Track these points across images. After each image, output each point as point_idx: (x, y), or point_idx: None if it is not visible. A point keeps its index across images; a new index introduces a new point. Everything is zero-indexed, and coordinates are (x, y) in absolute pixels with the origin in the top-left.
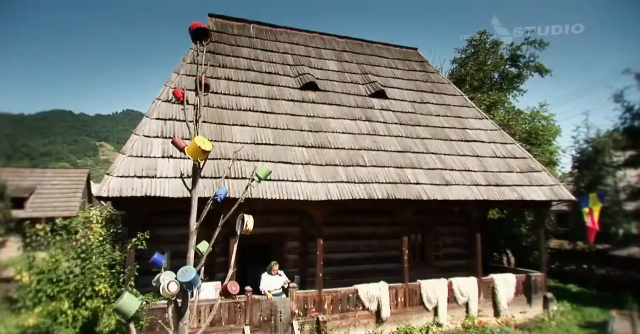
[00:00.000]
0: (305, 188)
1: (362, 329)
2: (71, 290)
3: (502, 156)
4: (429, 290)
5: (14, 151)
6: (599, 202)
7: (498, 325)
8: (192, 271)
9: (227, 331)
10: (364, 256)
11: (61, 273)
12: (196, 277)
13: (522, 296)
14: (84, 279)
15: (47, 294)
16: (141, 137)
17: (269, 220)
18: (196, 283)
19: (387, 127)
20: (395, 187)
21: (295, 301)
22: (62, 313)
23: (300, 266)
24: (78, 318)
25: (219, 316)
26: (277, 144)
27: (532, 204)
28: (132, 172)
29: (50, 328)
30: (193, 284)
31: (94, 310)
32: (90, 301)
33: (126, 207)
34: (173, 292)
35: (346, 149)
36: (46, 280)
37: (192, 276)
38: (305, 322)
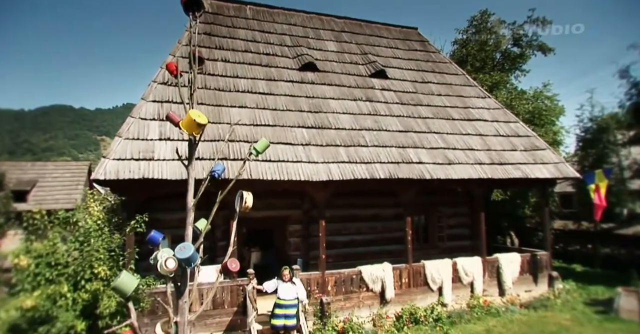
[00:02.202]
0: (306, 168)
1: (366, 310)
2: (70, 273)
3: (506, 134)
4: (433, 270)
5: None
6: (604, 178)
7: (503, 304)
8: (190, 248)
9: (230, 313)
10: (367, 238)
11: (59, 256)
12: (194, 253)
13: (526, 275)
14: (82, 262)
15: (45, 277)
16: (137, 120)
17: (270, 203)
18: (194, 259)
19: (388, 107)
20: (397, 166)
21: None
22: (61, 296)
23: (302, 249)
24: (78, 300)
25: (221, 298)
26: (276, 125)
27: (536, 182)
28: (129, 155)
29: (50, 310)
30: (191, 261)
31: (94, 292)
32: (89, 283)
33: (123, 191)
34: (171, 268)
35: (347, 129)
36: (44, 264)
37: (190, 253)
38: (309, 303)
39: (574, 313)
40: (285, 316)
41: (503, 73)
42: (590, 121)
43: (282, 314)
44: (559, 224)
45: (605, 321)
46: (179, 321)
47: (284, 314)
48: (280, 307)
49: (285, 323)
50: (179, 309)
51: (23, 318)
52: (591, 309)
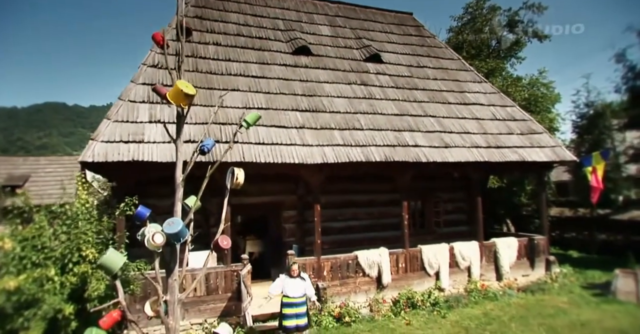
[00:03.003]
0: (300, 151)
1: (362, 295)
2: (57, 257)
3: (502, 118)
4: (429, 255)
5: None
6: (601, 160)
7: (500, 288)
8: (179, 223)
9: (224, 299)
10: (363, 224)
11: (46, 239)
12: (183, 228)
13: (524, 259)
14: (69, 244)
15: (31, 261)
16: (126, 102)
17: (264, 188)
18: (183, 234)
19: (383, 91)
20: (393, 149)
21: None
22: (48, 279)
23: (297, 235)
24: (65, 284)
25: (215, 284)
26: (269, 108)
27: (533, 165)
28: (118, 137)
29: (37, 294)
30: (180, 236)
31: (82, 275)
32: (77, 266)
33: (112, 175)
34: (158, 243)
35: (341, 113)
36: (30, 247)
37: (179, 228)
38: None
39: (571, 296)
40: (296, 316)
41: (499, 60)
42: (587, 107)
43: (293, 313)
44: (556, 211)
45: (603, 303)
46: (169, 300)
47: (295, 314)
48: (289, 306)
49: (298, 323)
50: (168, 287)
51: (9, 303)
52: (588, 292)
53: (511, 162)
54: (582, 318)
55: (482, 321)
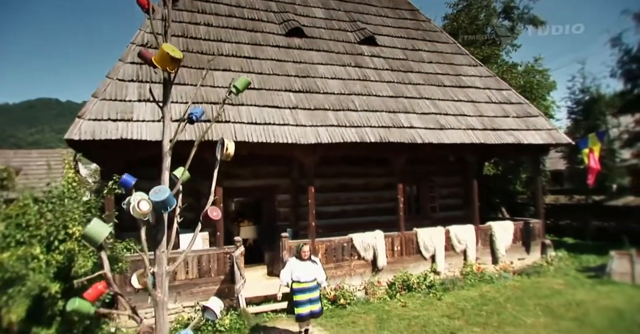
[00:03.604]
0: (294, 131)
1: (357, 278)
2: (42, 235)
3: (498, 101)
4: (425, 238)
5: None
6: (597, 141)
7: (496, 271)
8: (166, 191)
9: (217, 282)
10: (358, 208)
11: (30, 217)
12: (170, 196)
13: (519, 243)
14: (55, 222)
15: (16, 239)
16: (114, 81)
17: (257, 172)
18: (170, 203)
19: (377, 73)
20: (388, 130)
21: (287, 250)
22: (33, 257)
23: (291, 219)
24: (51, 262)
25: (208, 266)
26: (262, 88)
27: (529, 148)
28: (106, 115)
29: (21, 271)
30: (167, 204)
31: (68, 253)
32: (63, 244)
33: (100, 155)
34: (144, 211)
35: (335, 94)
36: (14, 225)
37: (166, 195)
38: None
39: (566, 278)
40: (310, 301)
41: (494, 47)
42: (582, 93)
43: (306, 299)
44: (551, 199)
45: (598, 285)
46: (157, 272)
47: (309, 299)
48: (301, 292)
49: (312, 309)
50: (156, 259)
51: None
52: (583, 275)
53: (507, 144)
54: (577, 298)
55: (478, 302)
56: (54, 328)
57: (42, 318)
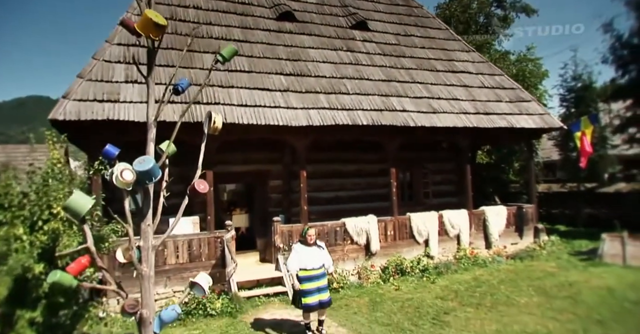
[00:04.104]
0: (285, 114)
1: (350, 263)
2: (26, 215)
3: (491, 86)
4: (418, 222)
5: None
6: (590, 124)
7: (489, 256)
8: (150, 161)
9: (208, 266)
10: (351, 194)
11: (13, 197)
12: (154, 167)
13: (513, 227)
14: (38, 201)
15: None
16: (101, 62)
17: (248, 157)
18: (155, 174)
19: (369, 58)
20: (380, 113)
21: (279, 235)
22: (16, 238)
23: (284, 205)
24: (35, 243)
25: (198, 251)
26: (252, 71)
27: (522, 132)
28: (92, 96)
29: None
30: (152, 175)
31: (53, 233)
32: (47, 224)
33: (84, 138)
34: (127, 180)
35: (327, 77)
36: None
37: (150, 165)
38: None
39: (559, 261)
40: (318, 290)
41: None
42: (574, 80)
43: (314, 288)
44: (543, 187)
45: (590, 266)
46: (142, 246)
47: (317, 288)
48: (309, 280)
49: (321, 298)
50: (141, 233)
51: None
52: (576, 258)
53: (500, 128)
54: (570, 279)
55: (471, 284)
56: (39, 311)
57: (26, 301)
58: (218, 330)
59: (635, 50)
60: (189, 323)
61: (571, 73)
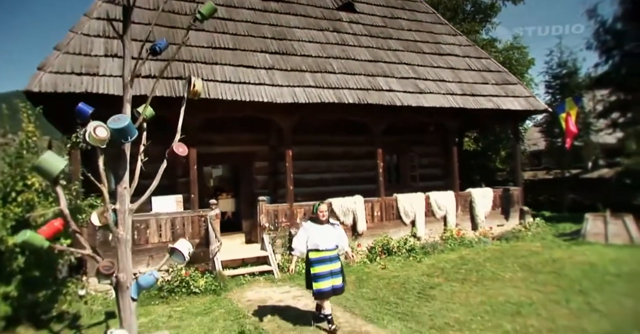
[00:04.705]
0: (270, 91)
1: None
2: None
3: (477, 68)
4: (405, 203)
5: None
6: (574, 105)
7: (476, 237)
8: (125, 119)
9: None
10: (337, 177)
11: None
12: (130, 125)
13: (499, 209)
14: (12, 172)
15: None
16: (79, 35)
17: (234, 138)
18: (131, 132)
19: (356, 38)
20: (366, 93)
21: (264, 214)
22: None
23: (270, 187)
24: (8, 214)
25: (182, 229)
26: (236, 48)
27: (508, 114)
28: (69, 69)
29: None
30: (128, 134)
31: (27, 204)
32: (21, 195)
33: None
34: (101, 136)
35: (313, 57)
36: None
37: (125, 123)
38: (277, 236)
39: (544, 241)
40: (331, 274)
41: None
42: (559, 67)
43: (327, 272)
44: (529, 175)
45: (573, 245)
46: (119, 209)
47: (330, 272)
48: (321, 262)
49: (334, 283)
50: (118, 195)
51: None
52: (560, 239)
53: (486, 109)
54: (553, 256)
55: (457, 263)
56: (13, 286)
57: (1, 275)
58: (201, 307)
59: (619, 35)
60: (172, 301)
61: (556, 60)
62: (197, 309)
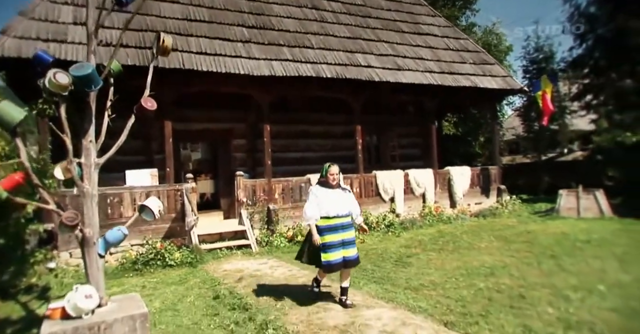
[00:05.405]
0: (246, 63)
1: None
2: None
3: (455, 48)
4: (384, 180)
5: None
6: (549, 83)
7: (454, 214)
8: (89, 66)
9: (167, 220)
10: (317, 155)
11: None
12: (94, 73)
13: (477, 188)
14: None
15: None
16: (45, 2)
17: (212, 115)
18: (95, 81)
19: (335, 16)
20: (345, 68)
21: (242, 189)
22: None
23: (248, 165)
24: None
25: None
26: (213, 21)
27: (485, 93)
28: (34, 34)
29: None
30: (91, 82)
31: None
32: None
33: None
34: (62, 83)
35: (291, 32)
36: None
37: (89, 70)
38: (255, 211)
39: (520, 218)
40: (343, 244)
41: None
42: (536, 51)
43: (339, 241)
44: (508, 159)
45: (547, 220)
46: (84, 163)
47: (341, 241)
48: (332, 231)
49: (346, 254)
50: (83, 149)
51: None
52: (535, 215)
53: (464, 88)
54: (528, 229)
55: (435, 236)
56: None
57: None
58: (177, 278)
59: (592, 19)
60: (147, 273)
61: (533, 45)
62: (172, 280)
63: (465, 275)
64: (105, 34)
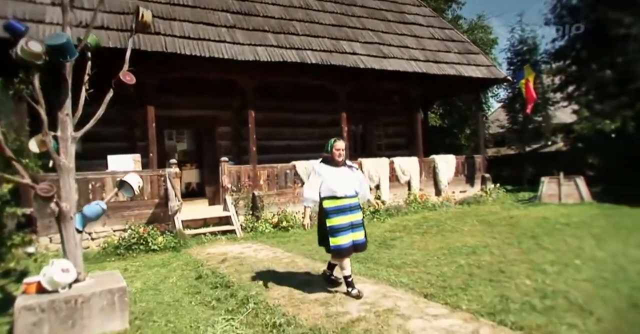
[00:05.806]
0: (230, 48)
1: (300, 206)
2: None
3: (440, 38)
4: (370, 168)
5: None
6: (532, 71)
7: (439, 201)
8: (64, 36)
9: (151, 205)
10: (303, 144)
11: None
12: (69, 42)
13: (462, 176)
14: None
15: None
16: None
17: (196, 102)
18: (71, 51)
19: (320, 4)
20: (330, 55)
21: (227, 175)
22: None
23: (233, 153)
24: None
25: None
26: (196, 6)
27: (470, 82)
28: (10, 13)
29: None
30: (66, 53)
31: None
32: None
33: None
34: (34, 51)
35: (276, 18)
36: None
37: (64, 40)
38: (240, 197)
39: (503, 205)
40: (352, 227)
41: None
42: (520, 44)
43: (347, 223)
44: (493, 151)
45: (530, 206)
46: (60, 136)
47: (350, 224)
48: (339, 212)
49: (355, 238)
50: (59, 123)
51: None
52: (519, 203)
53: (449, 76)
54: (511, 215)
55: (420, 221)
56: None
57: None
58: (160, 262)
59: (574, 11)
60: (129, 257)
61: (517, 37)
62: (155, 263)
63: (447, 254)
64: (84, 15)
